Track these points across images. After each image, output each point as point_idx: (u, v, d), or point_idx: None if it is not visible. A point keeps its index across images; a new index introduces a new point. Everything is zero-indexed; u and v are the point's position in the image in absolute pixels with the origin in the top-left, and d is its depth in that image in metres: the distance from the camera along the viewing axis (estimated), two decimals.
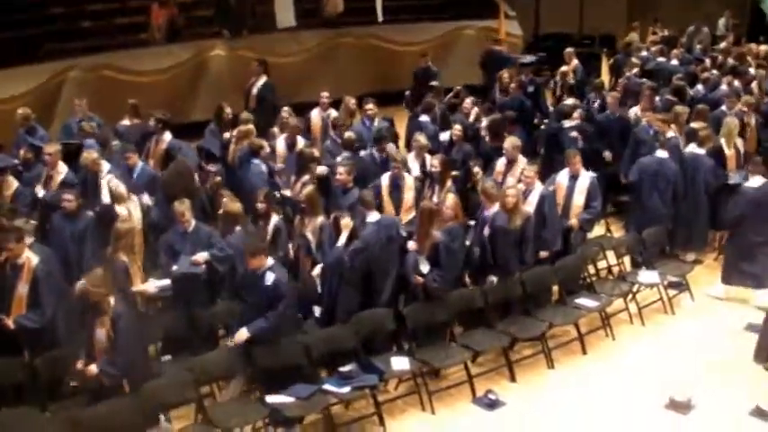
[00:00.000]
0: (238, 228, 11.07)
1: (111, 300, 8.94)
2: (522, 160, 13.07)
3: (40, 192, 12.45)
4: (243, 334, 9.57)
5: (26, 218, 11.19)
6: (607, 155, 15.15)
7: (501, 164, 13.23)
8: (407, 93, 18.97)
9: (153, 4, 20.84)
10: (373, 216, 11.13)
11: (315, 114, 16.10)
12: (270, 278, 9.68)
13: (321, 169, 12.99)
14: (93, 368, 8.85)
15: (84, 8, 21.64)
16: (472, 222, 11.85)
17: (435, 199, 12.13)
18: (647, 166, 13.44)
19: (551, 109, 18.14)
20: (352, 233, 10.73)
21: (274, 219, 11.52)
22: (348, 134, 14.29)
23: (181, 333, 10.37)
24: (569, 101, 16.32)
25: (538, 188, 12.20)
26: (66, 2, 21.33)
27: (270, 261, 9.80)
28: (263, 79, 17.97)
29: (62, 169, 12.79)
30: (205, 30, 21.67)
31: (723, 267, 12.90)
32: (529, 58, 22.96)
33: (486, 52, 21.86)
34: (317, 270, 10.93)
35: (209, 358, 9.69)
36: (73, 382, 9.29)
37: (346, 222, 10.75)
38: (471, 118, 15.73)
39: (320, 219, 11.28)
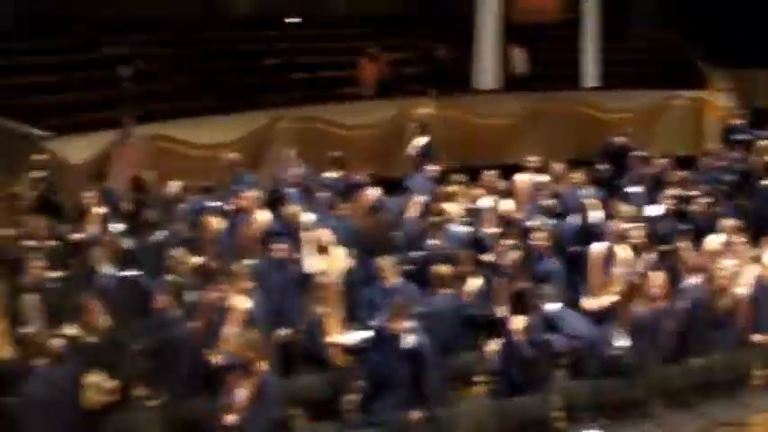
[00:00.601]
0: (445, 290, 11.00)
1: (262, 363, 8.96)
2: (736, 239, 12.58)
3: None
4: (415, 415, 9.55)
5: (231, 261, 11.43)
6: None
7: (714, 241, 12.76)
8: (601, 167, 18.43)
9: (363, 60, 21.23)
10: (555, 306, 10.82)
11: (520, 178, 15.90)
12: (411, 341, 9.67)
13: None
14: (232, 418, 8.86)
15: (297, 60, 22.26)
16: None
17: (637, 272, 11.82)
18: None
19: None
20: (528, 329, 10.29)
21: (475, 282, 11.42)
22: (549, 201, 14.11)
23: None
24: None
25: (753, 269, 11.71)
26: (280, 54, 22.01)
27: (411, 324, 9.75)
28: (422, 140, 17.91)
29: (263, 217, 13.01)
30: (412, 87, 21.89)
31: None
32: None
33: (727, 126, 21.25)
34: (494, 345, 10.67)
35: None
36: None
37: (516, 321, 10.29)
38: (675, 191, 15.21)
39: (521, 285, 11.12)
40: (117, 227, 12.92)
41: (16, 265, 11.78)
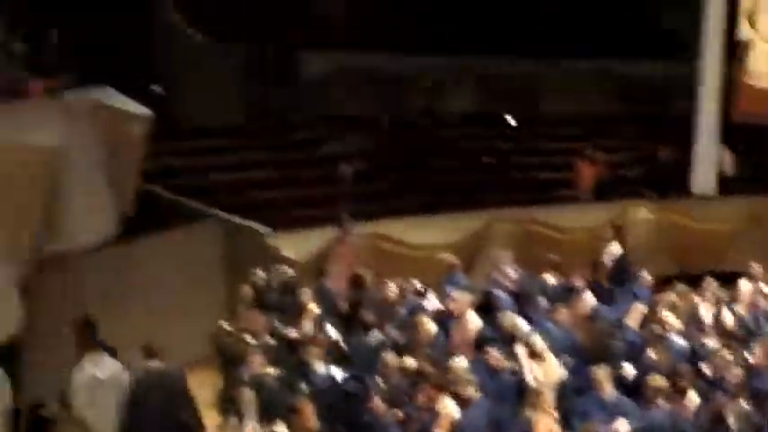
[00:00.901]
0: (662, 404, 10.71)
1: None
2: None
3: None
4: None
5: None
6: None
7: None
8: None
9: (581, 162, 21.14)
10: None
11: (744, 286, 15.40)
12: None
13: None
14: None
15: (513, 160, 22.36)
16: None
17: None
18: None
19: None
20: None
21: (694, 397, 11.07)
22: None
23: None
24: None
25: None
26: (497, 153, 22.15)
27: None
28: (616, 247, 17.35)
29: (472, 320, 12.98)
30: (629, 189, 21.62)
31: None
32: None
33: None
34: None
35: None
36: None
37: None
38: None
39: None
40: (332, 327, 13.11)
41: (235, 359, 12.12)
